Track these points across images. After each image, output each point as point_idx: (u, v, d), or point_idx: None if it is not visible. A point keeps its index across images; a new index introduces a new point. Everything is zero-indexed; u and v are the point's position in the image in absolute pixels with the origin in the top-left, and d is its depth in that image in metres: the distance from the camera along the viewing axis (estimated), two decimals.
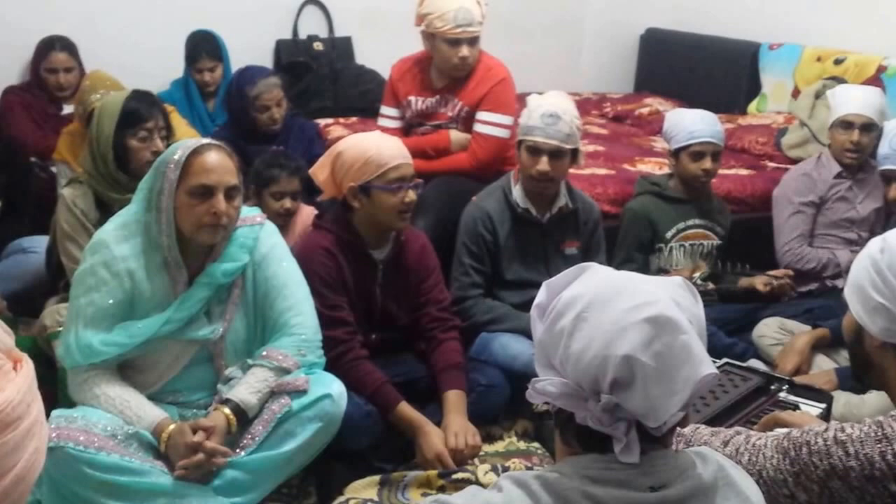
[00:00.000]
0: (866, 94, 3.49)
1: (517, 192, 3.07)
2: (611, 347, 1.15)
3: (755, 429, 1.93)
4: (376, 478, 2.44)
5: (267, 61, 5.03)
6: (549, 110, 2.93)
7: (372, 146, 2.66)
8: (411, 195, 2.65)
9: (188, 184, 2.22)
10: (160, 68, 4.57)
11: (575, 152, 3.02)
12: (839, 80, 4.25)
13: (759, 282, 3.31)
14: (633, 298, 1.18)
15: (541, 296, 1.28)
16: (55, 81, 4.32)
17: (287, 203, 3.17)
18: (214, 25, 4.63)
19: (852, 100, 3.45)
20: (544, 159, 2.95)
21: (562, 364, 1.20)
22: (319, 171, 2.73)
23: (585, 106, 5.29)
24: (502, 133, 3.48)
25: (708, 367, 1.17)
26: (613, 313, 1.17)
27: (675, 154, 3.35)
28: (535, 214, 3.07)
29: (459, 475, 2.43)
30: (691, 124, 3.31)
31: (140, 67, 4.32)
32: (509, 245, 3.06)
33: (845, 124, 3.45)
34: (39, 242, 3.24)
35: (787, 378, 2.41)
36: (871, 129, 3.42)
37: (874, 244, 1.56)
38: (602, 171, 3.99)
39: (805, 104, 4.28)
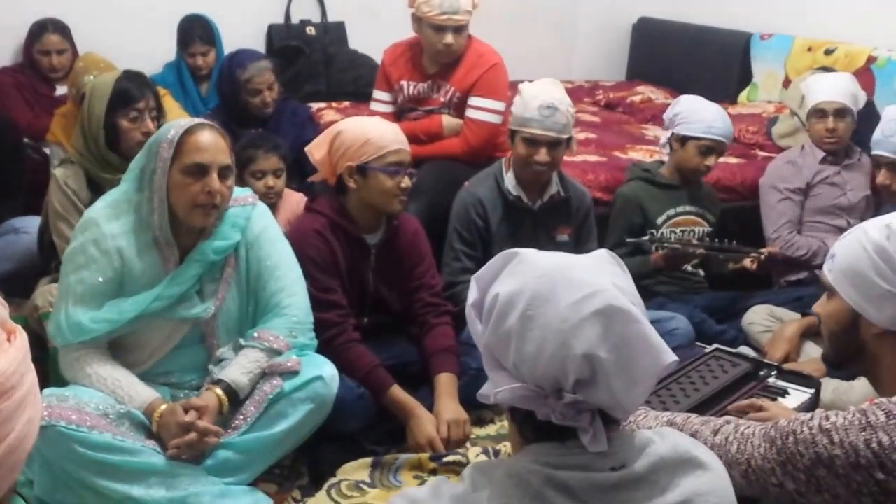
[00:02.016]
0: (836, 80, 3.56)
1: (509, 180, 3.08)
2: (567, 347, 1.13)
3: (733, 411, 1.95)
4: (368, 460, 2.46)
5: (259, 46, 5.01)
6: (547, 101, 2.93)
7: (373, 128, 2.68)
8: (407, 181, 2.66)
9: (182, 162, 2.21)
10: (153, 51, 4.57)
11: (569, 140, 3.04)
12: (830, 70, 4.27)
13: (748, 262, 3.29)
14: (574, 290, 1.15)
15: (472, 293, 1.25)
16: (48, 63, 4.31)
17: (269, 181, 3.13)
18: (207, 9, 4.62)
19: (823, 88, 3.51)
20: (543, 150, 2.96)
21: (516, 367, 1.18)
22: (316, 150, 2.72)
23: (578, 93, 5.30)
24: (494, 119, 3.48)
25: (668, 355, 1.16)
26: (561, 309, 1.14)
27: (682, 140, 3.33)
28: (526, 202, 3.08)
29: (451, 458, 2.45)
30: (711, 119, 3.28)
31: (132, 50, 4.30)
32: (501, 231, 3.06)
33: (819, 112, 3.51)
34: (31, 223, 3.23)
35: (775, 364, 2.43)
36: (844, 114, 3.46)
37: (873, 230, 1.52)
38: (593, 159, 4.00)
39: (796, 94, 4.29)
